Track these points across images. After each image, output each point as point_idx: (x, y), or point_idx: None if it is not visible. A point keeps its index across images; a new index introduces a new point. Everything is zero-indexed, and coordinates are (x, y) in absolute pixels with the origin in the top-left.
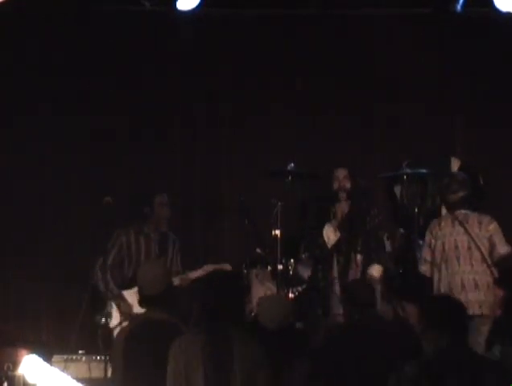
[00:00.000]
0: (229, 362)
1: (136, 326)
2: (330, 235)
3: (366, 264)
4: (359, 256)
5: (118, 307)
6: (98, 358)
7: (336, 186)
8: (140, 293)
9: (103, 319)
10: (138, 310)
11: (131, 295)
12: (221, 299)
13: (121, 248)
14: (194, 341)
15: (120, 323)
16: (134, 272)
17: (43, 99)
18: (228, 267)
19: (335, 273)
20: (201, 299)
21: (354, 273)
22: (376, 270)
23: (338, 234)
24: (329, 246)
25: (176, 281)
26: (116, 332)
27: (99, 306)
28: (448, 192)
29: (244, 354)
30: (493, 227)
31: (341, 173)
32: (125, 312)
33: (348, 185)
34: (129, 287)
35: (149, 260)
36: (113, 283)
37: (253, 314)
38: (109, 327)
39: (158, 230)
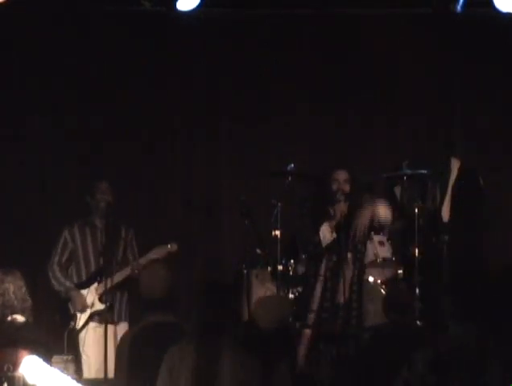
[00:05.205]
0: (212, 377)
1: (140, 329)
2: (326, 234)
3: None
4: (350, 255)
5: (73, 300)
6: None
7: (335, 187)
8: (143, 297)
9: (72, 323)
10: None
11: (91, 293)
12: (213, 312)
13: (65, 243)
14: (183, 352)
15: (86, 324)
16: (86, 268)
17: (43, 99)
18: (175, 247)
19: (321, 270)
20: (195, 312)
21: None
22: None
23: (334, 235)
24: (324, 245)
25: (127, 270)
26: (82, 333)
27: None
28: None
29: (232, 369)
30: None
31: (341, 175)
32: (81, 304)
33: (347, 188)
34: (85, 286)
35: (150, 265)
36: (63, 278)
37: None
38: (75, 329)
39: (105, 219)
